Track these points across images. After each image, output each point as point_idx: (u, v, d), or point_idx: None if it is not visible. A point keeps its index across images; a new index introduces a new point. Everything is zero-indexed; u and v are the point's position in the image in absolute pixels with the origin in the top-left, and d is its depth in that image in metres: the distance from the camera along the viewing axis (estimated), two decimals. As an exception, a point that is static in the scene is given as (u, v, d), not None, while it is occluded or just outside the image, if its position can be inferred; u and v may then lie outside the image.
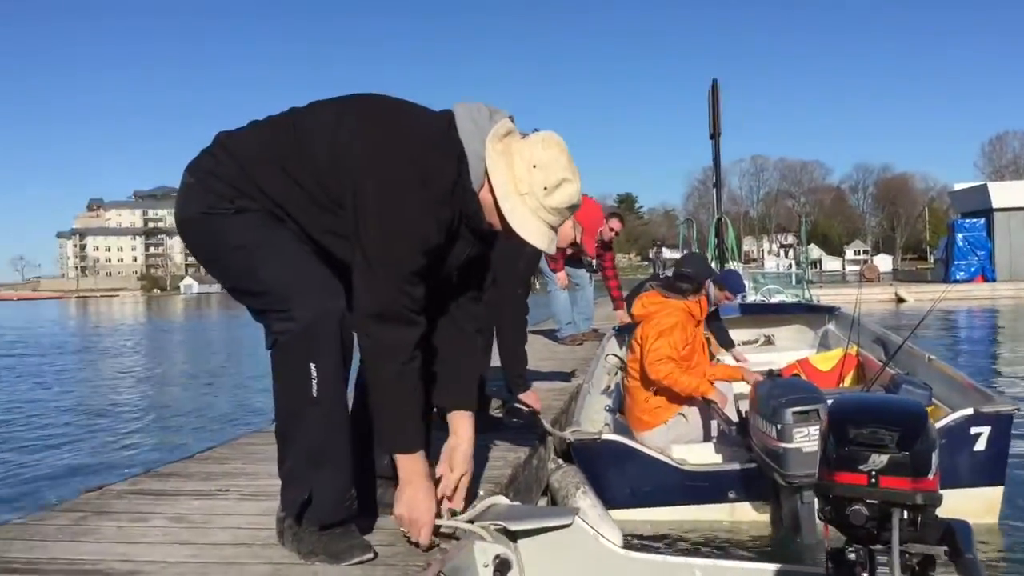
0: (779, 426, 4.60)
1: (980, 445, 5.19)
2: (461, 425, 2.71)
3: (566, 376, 6.77)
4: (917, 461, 2.11)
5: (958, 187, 48.99)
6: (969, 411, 5.16)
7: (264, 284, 2.46)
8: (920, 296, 34.55)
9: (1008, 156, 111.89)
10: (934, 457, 2.15)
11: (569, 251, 6.95)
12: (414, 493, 2.50)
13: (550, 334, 10.48)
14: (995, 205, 41.99)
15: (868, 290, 36.57)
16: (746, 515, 5.24)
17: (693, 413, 5.75)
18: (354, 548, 2.48)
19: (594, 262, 9.93)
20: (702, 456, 5.52)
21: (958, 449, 5.18)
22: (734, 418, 5.58)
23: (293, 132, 2.48)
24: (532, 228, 2.41)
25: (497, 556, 2.54)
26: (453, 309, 2.70)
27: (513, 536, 2.59)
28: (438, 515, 2.56)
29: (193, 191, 2.54)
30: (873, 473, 2.08)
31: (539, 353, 8.94)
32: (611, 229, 9.39)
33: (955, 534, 2.14)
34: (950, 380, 6.43)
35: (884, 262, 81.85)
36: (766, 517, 5.20)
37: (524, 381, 4.75)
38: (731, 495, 5.23)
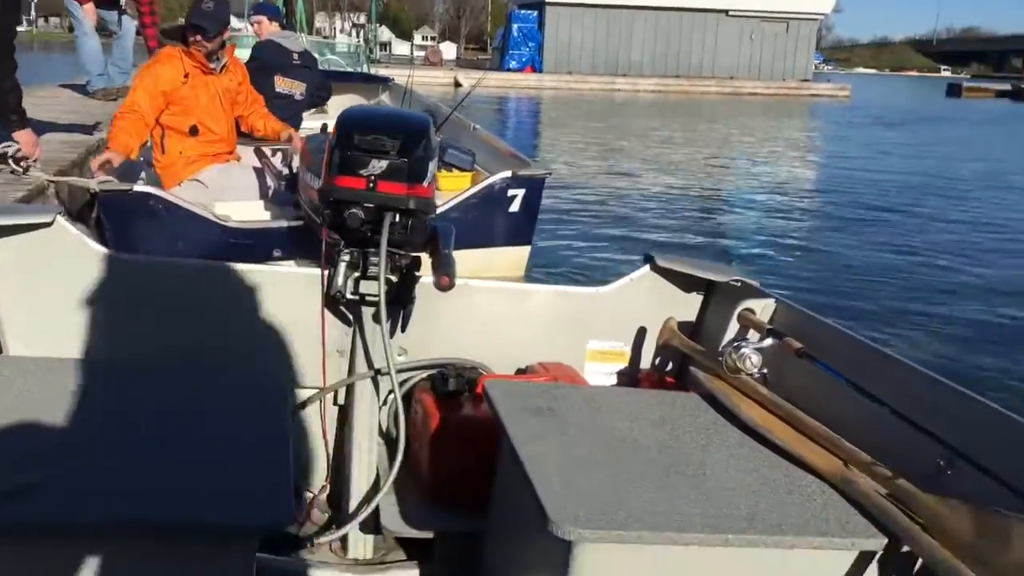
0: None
1: (515, 207, 5.53)
2: None
3: (88, 129, 5.95)
4: (414, 168, 2.15)
5: (517, -22, 51.70)
6: (508, 174, 5.43)
7: None
8: (474, 81, 36.66)
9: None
10: (431, 166, 2.21)
11: None
12: None
13: (80, 88, 9.22)
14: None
15: (431, 73, 37.79)
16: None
17: (235, 170, 5.36)
18: None
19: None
20: (248, 213, 5.21)
21: (495, 210, 5.47)
22: (285, 172, 5.34)
23: None
24: None
25: None
26: None
27: None
28: None
29: None
30: (372, 178, 2.13)
31: (64, 106, 7.99)
32: None
33: (438, 236, 2.26)
34: (493, 148, 6.75)
35: (449, 50, 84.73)
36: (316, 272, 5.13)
37: (21, 118, 4.02)
38: (276, 253, 5.05)
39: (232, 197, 5.30)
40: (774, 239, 10.68)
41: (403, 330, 2.37)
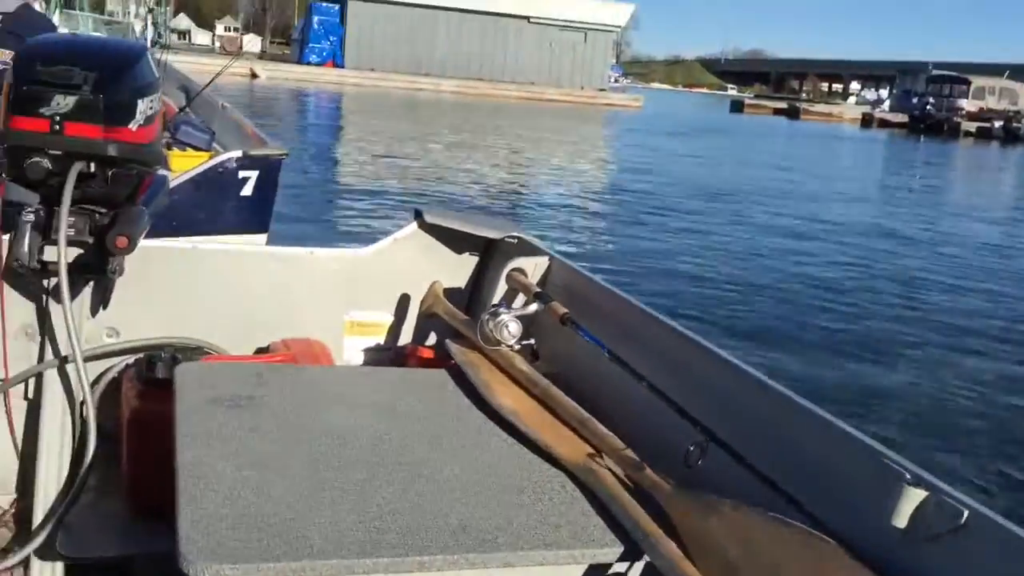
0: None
1: (247, 190, 5.08)
2: None
3: None
4: (113, 106, 1.81)
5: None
6: (238, 153, 4.98)
7: None
8: (273, 74, 35.44)
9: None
10: (142, 105, 1.87)
11: None
12: None
13: None
14: (350, -7, 44.29)
15: (224, 62, 36.14)
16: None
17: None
18: None
19: None
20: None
21: (225, 193, 5.01)
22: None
23: None
24: None
25: None
26: None
27: None
28: None
29: None
30: (57, 118, 1.76)
31: None
32: None
33: (139, 186, 1.95)
34: (238, 127, 6.27)
35: (254, 43, 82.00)
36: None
37: None
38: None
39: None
40: (566, 221, 10.95)
41: (104, 306, 2.03)
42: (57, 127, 1.78)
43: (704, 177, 18.05)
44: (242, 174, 5.04)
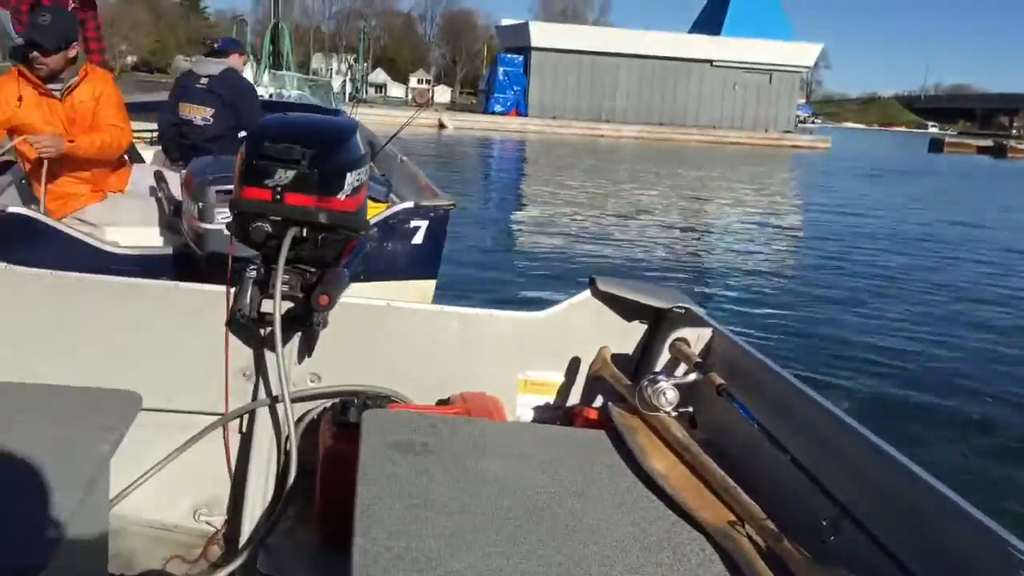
0: (201, 205, 4.34)
1: (418, 239, 5.40)
2: None
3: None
4: (326, 179, 2.08)
5: (505, 22, 52.13)
6: (410, 204, 5.30)
7: None
8: (460, 124, 36.90)
9: (559, 6, 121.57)
10: (351, 178, 2.13)
11: None
12: None
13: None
14: (534, 44, 45.50)
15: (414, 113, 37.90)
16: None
17: (123, 202, 5.22)
18: None
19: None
20: (138, 238, 5.09)
21: (397, 242, 5.34)
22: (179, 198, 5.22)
23: None
24: None
25: None
26: None
27: None
28: None
29: None
30: (279, 189, 2.05)
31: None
32: None
33: (344, 250, 2.21)
34: (413, 179, 6.67)
35: (445, 93, 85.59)
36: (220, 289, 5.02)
37: None
38: (164, 279, 4.92)
39: (126, 223, 5.17)
40: (737, 283, 10.64)
41: (309, 354, 2.28)
42: (278, 196, 2.06)
43: (890, 227, 17.11)
44: (413, 223, 5.34)
